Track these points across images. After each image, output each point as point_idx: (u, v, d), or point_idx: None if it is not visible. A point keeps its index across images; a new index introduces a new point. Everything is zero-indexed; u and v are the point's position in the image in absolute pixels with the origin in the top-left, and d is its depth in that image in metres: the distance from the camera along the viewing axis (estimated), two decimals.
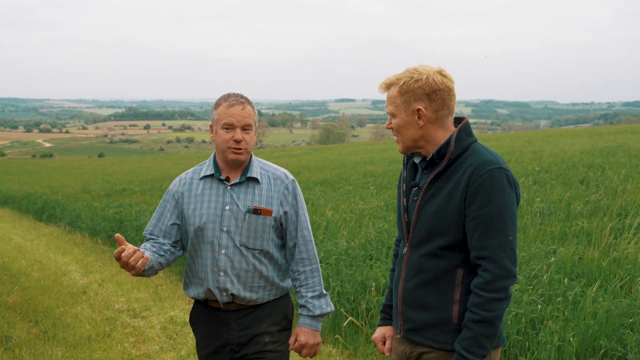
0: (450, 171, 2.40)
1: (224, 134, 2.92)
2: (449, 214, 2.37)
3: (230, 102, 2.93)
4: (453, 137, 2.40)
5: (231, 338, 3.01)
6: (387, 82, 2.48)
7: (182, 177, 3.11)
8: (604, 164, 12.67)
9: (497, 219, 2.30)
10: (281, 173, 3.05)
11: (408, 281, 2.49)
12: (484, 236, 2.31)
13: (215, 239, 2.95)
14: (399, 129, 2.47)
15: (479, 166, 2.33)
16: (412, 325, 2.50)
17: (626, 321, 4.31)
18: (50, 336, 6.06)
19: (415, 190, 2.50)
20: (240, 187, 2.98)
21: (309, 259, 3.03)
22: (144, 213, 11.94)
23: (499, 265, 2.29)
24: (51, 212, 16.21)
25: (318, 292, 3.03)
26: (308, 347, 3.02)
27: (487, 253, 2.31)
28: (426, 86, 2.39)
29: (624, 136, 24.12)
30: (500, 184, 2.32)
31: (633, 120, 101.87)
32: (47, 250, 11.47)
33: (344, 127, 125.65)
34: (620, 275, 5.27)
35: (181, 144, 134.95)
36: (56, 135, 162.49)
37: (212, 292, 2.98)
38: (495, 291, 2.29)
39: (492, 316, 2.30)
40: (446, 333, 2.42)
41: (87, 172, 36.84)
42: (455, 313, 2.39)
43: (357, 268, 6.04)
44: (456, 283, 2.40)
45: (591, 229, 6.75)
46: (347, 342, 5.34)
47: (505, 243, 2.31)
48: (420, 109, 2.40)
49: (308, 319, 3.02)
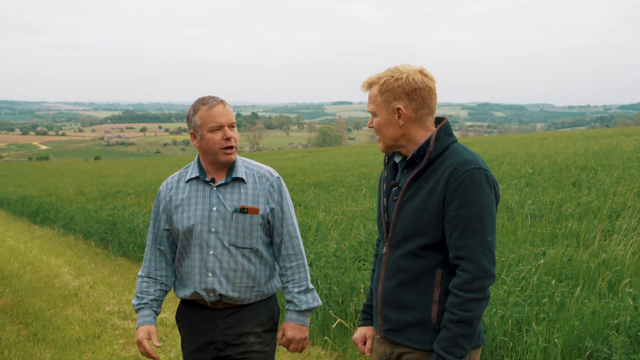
0: (430, 171, 2.40)
1: (213, 137, 2.93)
2: (428, 213, 2.37)
3: (210, 104, 2.95)
4: (433, 136, 2.41)
5: (216, 336, 3.03)
6: (368, 81, 2.49)
7: (169, 181, 3.15)
8: (597, 166, 12.69)
9: (476, 219, 2.31)
10: (266, 171, 3.07)
11: (387, 281, 2.49)
12: (462, 236, 2.31)
13: (203, 241, 2.97)
14: (380, 128, 2.47)
15: (458, 166, 2.34)
16: (392, 326, 2.50)
17: (612, 322, 4.32)
18: (39, 338, 6.06)
19: (395, 190, 2.50)
20: (226, 188, 3.01)
21: (295, 255, 3.05)
22: (137, 215, 11.94)
23: (477, 266, 2.30)
24: (45, 215, 16.20)
25: (304, 287, 3.04)
26: (295, 341, 3.04)
27: (465, 253, 2.31)
28: (406, 85, 2.40)
29: (619, 139, 24.16)
30: (480, 184, 2.32)
31: (629, 123, 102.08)
32: (40, 252, 11.46)
33: (341, 129, 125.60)
34: (608, 276, 5.29)
35: (178, 147, 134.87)
36: (52, 137, 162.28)
37: (199, 294, 3.00)
38: (473, 291, 2.30)
39: (470, 316, 2.30)
40: (425, 333, 2.42)
41: (82, 175, 36.83)
42: (435, 313, 2.39)
43: (345, 270, 6.05)
44: (435, 283, 2.40)
45: (581, 231, 6.77)
46: (336, 343, 5.34)
47: (483, 243, 2.31)
48: (400, 108, 2.41)
49: (295, 313, 3.04)
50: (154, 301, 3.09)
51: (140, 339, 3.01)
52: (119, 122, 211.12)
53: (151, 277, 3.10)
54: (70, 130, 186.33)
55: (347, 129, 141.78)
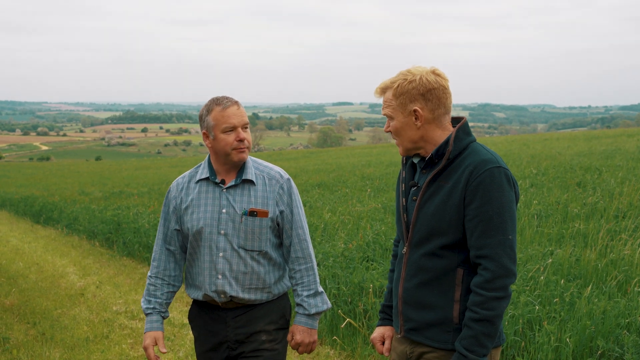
0: (450, 170, 2.40)
1: (226, 137, 2.93)
2: (448, 213, 2.37)
3: (224, 105, 2.94)
4: (452, 136, 2.41)
5: (228, 335, 3.04)
6: (381, 86, 2.50)
7: (179, 181, 3.14)
8: (601, 166, 12.69)
9: (497, 217, 2.31)
10: (276, 172, 3.06)
11: (408, 281, 2.49)
12: (483, 235, 2.31)
13: (212, 243, 2.97)
14: (398, 132, 2.48)
15: (478, 165, 2.34)
16: (413, 325, 2.50)
17: (622, 322, 4.32)
18: (48, 338, 6.06)
19: (414, 190, 2.50)
20: (235, 190, 3.00)
21: (304, 258, 3.04)
22: (142, 215, 11.95)
23: (498, 264, 2.30)
24: (49, 215, 16.20)
25: (313, 291, 3.04)
26: (304, 345, 3.05)
27: (486, 252, 2.31)
28: (420, 86, 2.40)
29: (621, 139, 24.16)
30: (500, 182, 2.33)
31: (630, 123, 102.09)
32: (44, 252, 11.46)
33: (342, 130, 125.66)
34: (616, 276, 5.29)
35: (179, 147, 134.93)
36: (53, 138, 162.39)
37: (210, 296, 3.02)
38: (495, 290, 2.30)
39: (492, 315, 2.30)
40: (447, 332, 2.42)
41: (84, 175, 36.85)
42: (456, 312, 2.40)
43: (354, 270, 6.05)
44: (456, 282, 2.40)
45: (588, 231, 6.77)
46: (345, 343, 5.34)
47: (504, 242, 2.31)
48: (416, 110, 2.41)
49: (304, 317, 3.04)
50: (161, 305, 3.12)
51: (146, 345, 3.05)
52: (120, 123, 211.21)
53: (159, 277, 3.12)
54: (71, 131, 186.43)
55: (348, 130, 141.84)
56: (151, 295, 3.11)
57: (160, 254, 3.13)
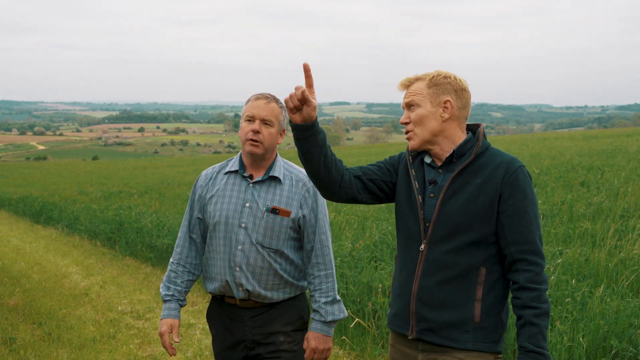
0: (476, 167, 2.41)
1: (245, 126, 2.98)
2: (479, 208, 2.36)
3: (256, 97, 2.99)
4: (480, 133, 2.46)
5: (246, 335, 3.03)
6: (410, 78, 2.51)
7: (208, 171, 3.17)
8: (603, 166, 12.71)
9: (532, 213, 2.36)
10: (304, 175, 3.05)
11: (426, 279, 2.42)
12: (526, 230, 2.35)
13: (232, 235, 2.97)
14: (421, 120, 2.45)
15: (511, 162, 2.40)
16: (428, 326, 2.43)
17: (636, 321, 4.32)
18: (54, 338, 6.04)
19: (431, 187, 2.46)
20: (262, 186, 3.01)
21: (324, 264, 3.02)
22: (144, 215, 11.92)
23: (541, 257, 2.35)
24: (49, 215, 16.17)
25: (331, 298, 3.01)
26: (318, 352, 3.00)
27: (531, 247, 2.34)
28: (455, 84, 2.47)
29: (620, 139, 24.20)
30: (529, 180, 2.42)
31: (627, 123, 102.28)
32: (46, 252, 11.43)
33: (339, 130, 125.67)
34: (627, 276, 5.29)
35: (175, 147, 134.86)
36: (50, 137, 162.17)
37: (229, 287, 3.00)
38: (544, 282, 2.34)
39: (548, 307, 2.33)
40: (467, 332, 2.37)
41: (82, 175, 36.76)
42: (477, 312, 2.36)
43: (362, 270, 6.04)
44: (478, 281, 2.37)
45: (595, 231, 6.77)
46: (354, 343, 5.33)
47: (540, 236, 2.38)
48: (449, 101, 2.44)
49: (320, 324, 3.01)
50: (180, 293, 3.14)
51: (162, 332, 3.06)
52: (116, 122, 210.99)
53: (180, 264, 3.15)
54: (68, 130, 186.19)
55: (346, 130, 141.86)
56: (171, 282, 3.14)
57: (184, 240, 3.16)
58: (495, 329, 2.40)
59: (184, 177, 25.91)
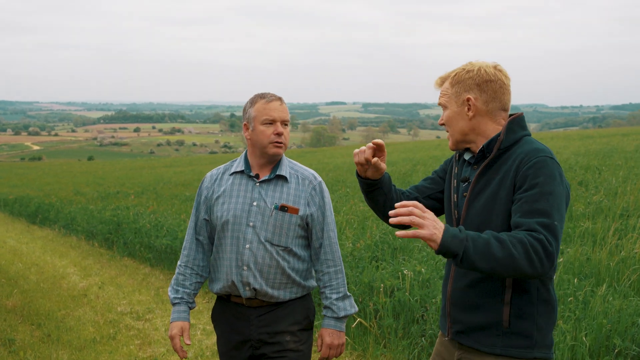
0: (500, 162, 2.31)
1: (265, 130, 2.96)
2: (500, 204, 2.27)
3: (268, 99, 2.99)
4: (504, 127, 2.34)
5: (251, 334, 3.02)
6: (442, 76, 2.47)
7: (214, 172, 3.18)
8: (600, 166, 12.72)
9: (543, 201, 2.15)
10: (310, 174, 3.08)
11: (458, 281, 2.40)
12: (524, 216, 2.16)
13: (240, 234, 2.98)
14: (450, 121, 2.42)
15: (530, 152, 2.25)
16: (461, 328, 2.40)
17: (638, 320, 4.31)
18: (54, 339, 6.01)
19: (464, 186, 2.42)
20: (269, 184, 3.02)
21: (334, 260, 3.04)
22: (142, 216, 11.89)
23: (555, 237, 2.10)
24: (45, 215, 16.12)
25: (342, 294, 3.05)
26: (334, 347, 3.04)
27: (525, 228, 2.13)
28: (477, 77, 2.36)
29: (616, 139, 24.25)
30: (551, 171, 2.20)
31: (621, 123, 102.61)
32: (43, 253, 11.40)
33: (335, 130, 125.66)
34: (629, 275, 5.29)
35: (171, 147, 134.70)
36: (45, 138, 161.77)
37: (236, 286, 2.99)
38: (548, 249, 2.07)
39: (510, 253, 2.06)
40: (496, 336, 2.31)
41: (78, 175, 36.68)
42: (506, 316, 2.28)
43: (363, 269, 6.03)
44: (507, 284, 2.29)
45: (596, 230, 6.77)
46: (356, 343, 5.32)
47: (547, 224, 2.11)
48: (469, 99, 2.35)
49: (333, 320, 3.04)
50: (189, 295, 3.13)
51: (173, 335, 3.06)
52: (112, 122, 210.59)
53: (188, 267, 3.14)
54: (63, 131, 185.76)
55: (342, 129, 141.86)
56: (179, 284, 3.13)
57: (190, 243, 3.16)
58: (529, 335, 2.28)
59: (180, 177, 25.89)
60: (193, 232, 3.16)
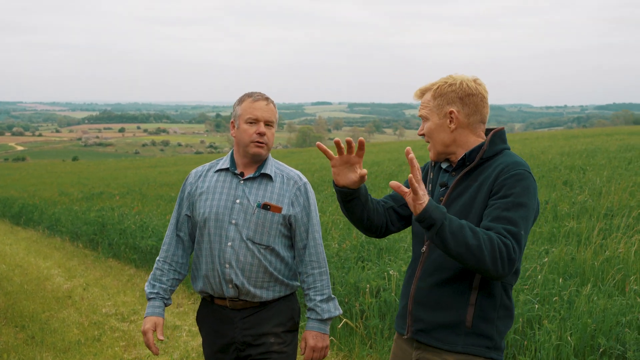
0: (479, 171, 2.40)
1: (247, 128, 2.96)
2: (475, 210, 2.35)
3: (255, 98, 2.99)
4: (488, 139, 2.43)
5: (236, 337, 3.01)
6: (422, 88, 2.52)
7: (199, 169, 3.18)
8: (585, 165, 12.81)
9: (513, 211, 2.23)
10: (295, 174, 3.08)
11: (423, 280, 2.45)
12: (494, 220, 2.24)
13: (222, 231, 2.97)
14: (431, 133, 2.47)
15: (510, 164, 2.34)
16: (422, 326, 2.44)
17: (623, 319, 4.34)
18: (38, 341, 5.96)
19: (441, 191, 2.48)
20: (253, 182, 3.01)
21: (318, 262, 3.03)
22: (127, 216, 11.82)
23: (518, 244, 2.20)
24: (29, 216, 15.99)
25: (327, 296, 3.03)
26: (317, 350, 3.02)
27: (496, 232, 2.21)
28: (460, 90, 2.43)
29: (600, 138, 24.44)
30: (527, 185, 2.29)
31: (606, 123, 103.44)
32: (27, 254, 11.30)
33: (321, 130, 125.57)
34: (613, 274, 5.32)
35: (157, 147, 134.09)
36: (29, 138, 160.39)
37: (219, 284, 2.98)
38: (513, 249, 2.17)
39: (477, 245, 2.15)
40: (457, 335, 2.36)
41: (62, 176, 36.38)
42: (470, 316, 2.34)
43: (349, 270, 6.03)
44: (474, 286, 2.35)
45: (580, 230, 6.81)
46: (342, 344, 5.32)
47: (514, 232, 2.20)
48: (452, 112, 2.42)
49: (317, 322, 3.02)
50: (165, 291, 3.10)
51: (145, 329, 3.03)
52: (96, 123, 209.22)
53: (167, 262, 3.12)
54: (47, 131, 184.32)
55: (327, 130, 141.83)
56: (156, 279, 3.11)
57: (171, 238, 3.14)
58: (490, 336, 2.36)
59: (165, 177, 25.77)
60: (174, 227, 3.14)
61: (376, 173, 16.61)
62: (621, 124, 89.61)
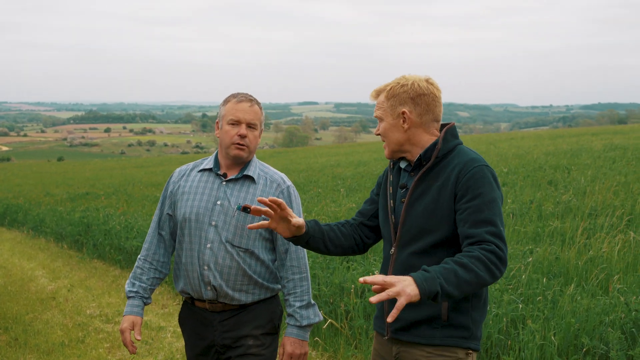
0: (437, 170, 2.46)
1: (229, 130, 2.94)
2: (440, 210, 2.41)
3: (239, 99, 2.97)
4: (440, 137, 2.49)
5: (216, 339, 3.00)
6: (377, 89, 2.60)
7: (182, 168, 3.15)
8: (570, 165, 12.88)
9: (487, 210, 2.33)
10: (279, 177, 3.04)
11: None
12: (474, 226, 2.32)
13: (202, 232, 2.95)
14: (386, 133, 2.55)
15: (467, 163, 2.41)
16: (401, 325, 2.49)
17: (606, 319, 4.36)
18: (21, 343, 5.91)
19: (402, 192, 2.54)
20: (235, 184, 2.98)
21: (299, 267, 3.00)
22: (112, 217, 11.76)
23: (503, 242, 2.29)
24: (13, 217, 15.88)
25: (306, 302, 3.00)
26: (295, 357, 2.98)
27: (480, 238, 2.29)
28: (411, 91, 2.49)
29: (585, 138, 24.59)
30: (489, 179, 2.39)
31: (591, 122, 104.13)
32: (11, 255, 11.22)
33: (307, 130, 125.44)
34: (597, 274, 5.35)
35: (142, 148, 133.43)
36: (14, 138, 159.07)
37: (198, 285, 2.96)
38: (499, 262, 2.25)
39: (482, 275, 2.21)
40: (435, 329, 2.43)
41: (47, 176, 36.13)
42: (445, 310, 2.40)
43: (334, 270, 6.02)
44: None
45: (564, 230, 6.85)
46: (327, 344, 5.31)
47: (495, 232, 2.30)
48: (405, 112, 2.49)
49: (295, 328, 2.99)
50: (145, 290, 3.08)
51: (123, 328, 3.03)
52: (82, 123, 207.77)
53: (147, 261, 3.10)
54: (32, 131, 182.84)
55: (314, 129, 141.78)
56: (136, 278, 3.09)
57: (152, 237, 3.12)
58: (466, 327, 2.43)
59: (151, 177, 25.65)
60: (156, 226, 3.12)
61: (362, 173, 16.63)
62: (606, 123, 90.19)
